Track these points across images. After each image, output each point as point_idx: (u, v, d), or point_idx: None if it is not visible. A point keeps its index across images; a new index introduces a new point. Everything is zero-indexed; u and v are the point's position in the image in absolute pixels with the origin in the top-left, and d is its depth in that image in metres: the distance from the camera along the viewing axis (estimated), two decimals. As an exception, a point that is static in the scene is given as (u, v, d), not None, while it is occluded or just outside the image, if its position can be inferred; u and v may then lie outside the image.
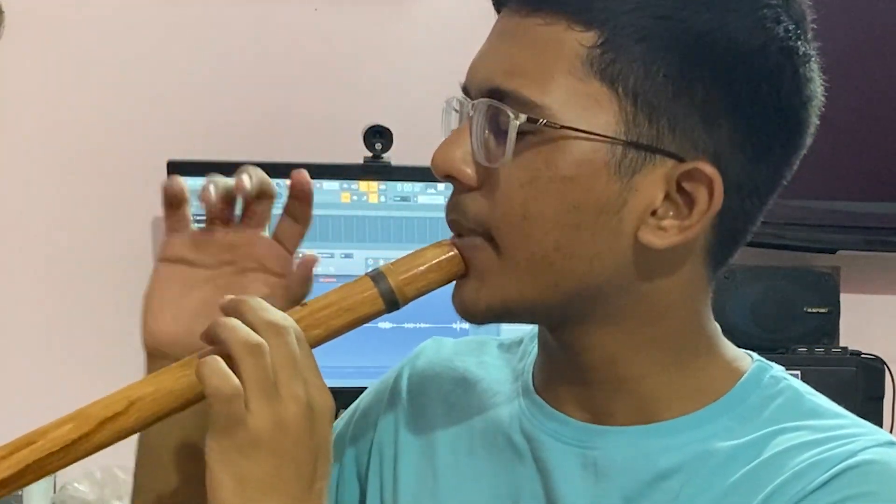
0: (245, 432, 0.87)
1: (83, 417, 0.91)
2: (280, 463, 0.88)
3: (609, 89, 0.91)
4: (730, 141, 0.93)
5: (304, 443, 0.88)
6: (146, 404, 0.91)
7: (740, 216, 0.97)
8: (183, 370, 0.92)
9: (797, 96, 0.95)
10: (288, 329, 0.90)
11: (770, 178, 0.97)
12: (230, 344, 0.88)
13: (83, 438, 0.90)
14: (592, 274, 0.94)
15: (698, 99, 0.92)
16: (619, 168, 0.92)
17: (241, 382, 0.87)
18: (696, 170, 0.92)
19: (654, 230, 0.93)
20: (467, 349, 1.13)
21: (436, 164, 0.96)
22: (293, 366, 0.89)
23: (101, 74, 2.36)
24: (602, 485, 0.98)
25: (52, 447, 0.90)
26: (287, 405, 0.88)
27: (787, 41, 0.94)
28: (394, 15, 2.41)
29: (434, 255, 0.98)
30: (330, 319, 0.96)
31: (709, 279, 0.99)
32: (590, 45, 0.91)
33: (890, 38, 2.37)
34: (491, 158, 0.94)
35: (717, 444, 0.96)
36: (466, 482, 1.04)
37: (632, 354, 0.98)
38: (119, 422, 0.91)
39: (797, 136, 0.97)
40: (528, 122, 0.91)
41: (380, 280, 0.97)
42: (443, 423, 1.08)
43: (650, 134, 0.92)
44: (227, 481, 0.87)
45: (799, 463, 0.93)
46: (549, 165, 0.92)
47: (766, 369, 1.01)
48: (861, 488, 0.90)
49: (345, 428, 1.13)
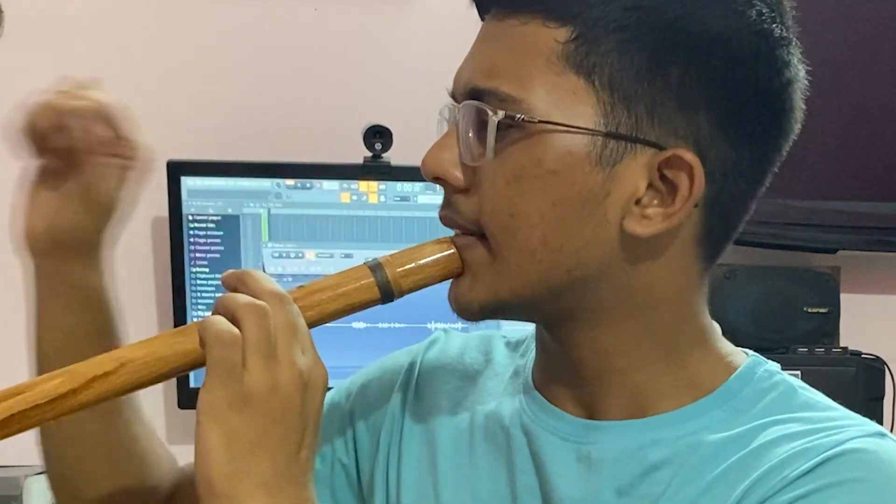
0: (239, 387, 0.88)
1: (73, 373, 0.92)
2: (269, 424, 0.89)
3: (586, 82, 0.93)
4: (709, 126, 0.94)
5: (296, 409, 0.90)
6: (136, 367, 0.92)
7: (728, 203, 0.97)
8: (177, 337, 0.94)
9: (776, 79, 0.96)
10: (289, 298, 0.92)
11: (756, 162, 0.97)
12: (235, 307, 0.90)
13: (70, 394, 0.91)
14: (581, 266, 0.95)
15: (674, 86, 0.93)
16: (600, 159, 0.93)
17: (242, 339, 0.89)
18: (676, 156, 0.93)
19: (638, 219, 0.94)
20: (476, 344, 1.15)
21: (425, 167, 0.98)
22: (293, 333, 0.91)
23: (100, 74, 2.36)
24: (595, 477, 0.99)
25: (38, 399, 0.90)
26: (283, 369, 0.89)
27: (760, 24, 0.94)
28: (394, 15, 2.41)
29: (433, 251, 0.99)
30: (324, 303, 0.97)
31: (701, 271, 1.00)
32: (564, 40, 0.93)
33: (889, 38, 2.37)
34: (475, 157, 0.96)
35: (708, 436, 0.97)
36: (466, 475, 1.06)
37: (624, 347, 0.99)
38: (108, 381, 0.92)
39: (781, 120, 0.97)
40: (507, 118, 0.93)
41: (377, 270, 0.98)
42: (447, 416, 1.09)
43: (629, 123, 0.93)
44: (214, 435, 0.88)
45: (785, 451, 0.93)
46: (531, 160, 0.94)
47: (761, 364, 1.02)
48: (846, 475, 0.91)
49: (344, 400, 1.14)
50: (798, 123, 0.99)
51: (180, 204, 2.18)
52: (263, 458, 0.89)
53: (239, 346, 0.89)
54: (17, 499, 2.10)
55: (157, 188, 2.18)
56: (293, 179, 2.21)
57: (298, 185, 2.22)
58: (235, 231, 2.20)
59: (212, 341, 0.89)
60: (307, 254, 2.22)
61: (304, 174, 2.22)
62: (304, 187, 2.22)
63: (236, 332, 0.89)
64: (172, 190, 2.18)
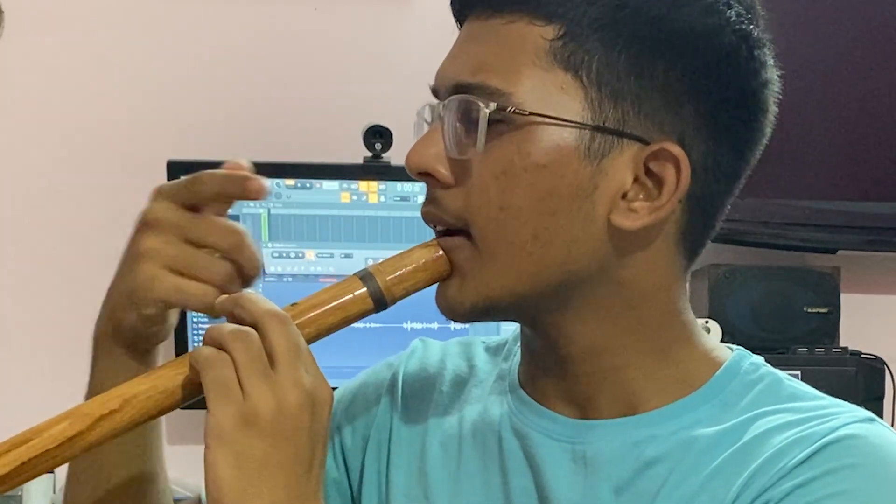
0: (240, 407, 0.88)
1: (78, 415, 0.92)
2: (279, 444, 0.88)
3: (574, 78, 0.95)
4: (693, 122, 0.96)
5: (305, 429, 0.90)
6: (140, 402, 0.92)
7: (708, 199, 0.99)
8: (176, 368, 0.94)
9: (755, 79, 0.98)
10: (289, 318, 0.92)
11: (734, 160, 0.99)
12: (220, 336, 0.90)
13: (78, 436, 0.91)
14: (571, 260, 0.96)
15: (659, 82, 0.95)
16: (588, 152, 0.95)
17: (234, 364, 0.89)
18: (663, 150, 0.95)
19: (625, 213, 0.96)
20: (456, 350, 1.15)
21: (409, 163, 1.00)
22: (297, 353, 0.90)
23: (100, 74, 2.36)
24: (591, 477, 0.99)
25: (47, 445, 0.90)
26: (289, 391, 0.89)
27: (740, 24, 0.97)
28: (393, 15, 2.41)
29: (421, 255, 1.00)
30: (320, 319, 0.97)
31: (683, 268, 1.01)
32: (551, 37, 0.95)
33: (889, 38, 2.37)
34: (463, 150, 0.96)
35: (700, 430, 0.98)
36: (457, 481, 1.06)
37: (612, 343, 1.00)
38: (114, 419, 0.92)
39: (758, 119, 0.99)
40: (497, 111, 0.94)
41: (368, 280, 0.98)
42: (434, 424, 1.09)
43: (616, 118, 0.95)
44: (223, 457, 0.88)
45: (780, 441, 0.94)
46: (520, 154, 0.95)
47: (746, 357, 1.03)
48: (842, 461, 0.92)
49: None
50: (770, 127, 1.01)
51: (180, 204, 2.18)
52: (274, 478, 0.88)
53: (229, 363, 0.89)
54: (17, 499, 2.11)
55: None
56: (293, 179, 2.21)
57: (298, 185, 2.22)
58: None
59: (202, 365, 0.89)
60: (307, 254, 2.22)
61: (304, 174, 2.22)
62: (304, 187, 2.22)
63: (224, 353, 0.89)
64: (172, 190, 2.17)
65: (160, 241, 0.96)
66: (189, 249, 0.96)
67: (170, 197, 0.97)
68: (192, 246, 0.96)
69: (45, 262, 2.36)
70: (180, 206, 0.96)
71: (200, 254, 0.96)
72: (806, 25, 2.27)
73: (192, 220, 0.96)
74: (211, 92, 2.37)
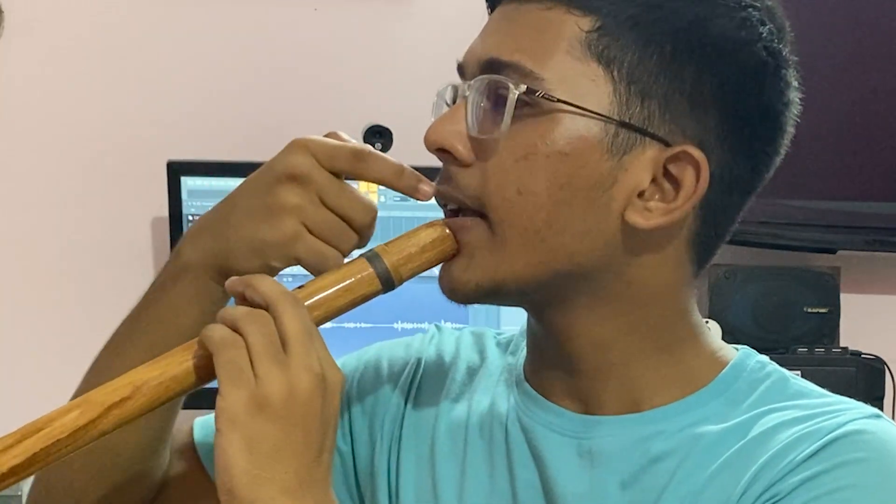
0: (253, 391, 0.88)
1: (89, 404, 0.91)
2: (290, 429, 0.89)
3: (605, 71, 0.95)
4: (715, 130, 0.97)
5: (316, 413, 0.90)
6: (151, 389, 0.92)
7: (720, 209, 1.00)
8: (185, 354, 0.93)
9: (779, 99, 0.99)
10: (301, 301, 0.93)
11: (749, 174, 1.00)
12: (234, 319, 0.90)
13: (90, 425, 0.91)
14: (582, 251, 0.97)
15: (687, 86, 0.96)
16: (611, 146, 0.95)
17: (246, 347, 0.89)
18: (684, 152, 0.96)
19: (640, 211, 0.96)
20: (470, 342, 1.15)
21: (429, 137, 0.99)
22: (308, 336, 0.91)
23: (100, 75, 2.36)
24: (598, 471, 1.00)
25: (59, 434, 0.90)
26: (302, 376, 0.89)
27: (770, 42, 0.98)
28: (394, 15, 2.41)
29: (428, 235, 1.00)
30: (330, 301, 0.97)
31: (693, 272, 1.02)
32: (587, 29, 0.96)
33: (889, 38, 2.37)
34: (486, 130, 0.96)
35: (707, 427, 0.99)
36: (464, 472, 1.06)
37: (618, 340, 1.00)
38: (125, 407, 0.91)
39: (776, 138, 1.01)
40: (527, 93, 0.95)
41: (375, 261, 0.99)
42: (445, 413, 1.10)
43: (641, 116, 0.95)
44: (235, 441, 0.88)
45: (787, 437, 0.95)
46: (544, 140, 0.95)
47: (752, 356, 1.04)
48: (850, 456, 0.93)
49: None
50: (785, 148, 1.02)
51: (180, 204, 2.18)
52: (285, 463, 0.88)
53: (242, 347, 0.89)
54: (17, 499, 2.10)
55: (157, 188, 2.18)
56: (293, 179, 2.21)
57: (298, 185, 2.21)
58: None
59: (216, 347, 0.89)
60: (307, 254, 2.22)
61: (304, 174, 2.21)
62: (304, 187, 2.21)
63: (238, 337, 0.89)
64: (172, 190, 2.17)
65: (305, 200, 0.97)
66: (331, 215, 0.98)
67: (318, 155, 0.98)
68: (330, 211, 0.97)
69: (44, 262, 2.35)
70: (324, 168, 0.98)
71: (340, 221, 0.98)
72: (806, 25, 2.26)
73: (338, 187, 0.99)
74: (211, 92, 2.37)
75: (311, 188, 0.97)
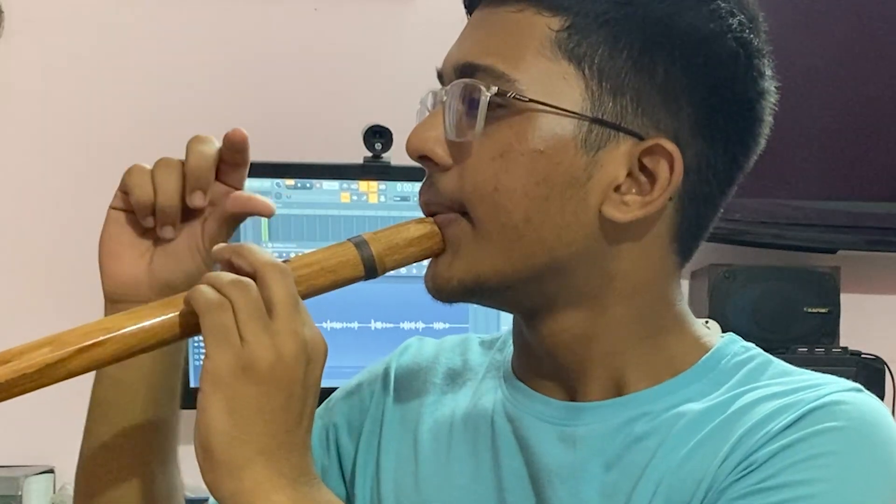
0: (239, 354, 0.89)
1: (61, 342, 0.92)
2: (273, 393, 0.90)
3: (576, 69, 0.97)
4: (689, 122, 0.98)
5: (299, 379, 0.91)
6: (124, 338, 0.92)
7: (700, 199, 1.01)
8: (164, 308, 0.94)
9: (752, 88, 1.00)
10: (289, 270, 0.93)
11: (727, 164, 1.01)
12: (220, 284, 0.91)
13: (59, 363, 0.91)
14: (561, 246, 0.98)
15: (659, 80, 0.97)
16: (584, 143, 0.97)
17: (233, 311, 0.90)
18: (658, 146, 0.97)
19: (617, 205, 0.98)
20: (451, 346, 1.17)
21: (410, 145, 1.01)
22: (294, 303, 0.92)
23: (100, 74, 2.36)
24: (581, 454, 1.01)
25: (27, 368, 0.90)
26: (288, 341, 0.90)
27: (741, 32, 0.99)
28: (394, 15, 2.42)
29: (416, 230, 1.01)
30: (312, 278, 0.98)
31: (677, 263, 1.03)
32: (557, 28, 0.97)
33: (889, 38, 2.37)
34: (462, 133, 0.98)
35: (689, 405, 1.00)
36: (448, 466, 1.07)
37: (602, 333, 1.01)
38: (95, 352, 0.92)
39: (753, 128, 1.02)
40: (499, 95, 0.96)
41: (362, 246, 1.00)
42: (427, 414, 1.11)
43: (614, 112, 0.97)
44: (216, 402, 0.89)
45: (767, 409, 0.96)
46: (519, 139, 0.97)
47: (736, 341, 1.06)
48: (827, 424, 0.94)
49: (322, 411, 1.15)
50: (765, 137, 1.03)
51: (180, 204, 2.18)
52: (265, 426, 0.89)
53: (228, 309, 0.90)
54: (17, 499, 2.10)
55: (157, 188, 2.18)
56: (293, 179, 2.21)
57: (298, 185, 2.22)
58: (235, 231, 2.20)
59: (203, 308, 0.90)
60: (307, 254, 2.22)
61: (304, 174, 2.22)
62: (304, 187, 2.22)
63: (224, 299, 0.90)
64: (172, 190, 2.17)
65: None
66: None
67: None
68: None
69: (43, 262, 2.35)
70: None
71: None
72: (806, 25, 2.27)
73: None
74: (211, 92, 2.37)
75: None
